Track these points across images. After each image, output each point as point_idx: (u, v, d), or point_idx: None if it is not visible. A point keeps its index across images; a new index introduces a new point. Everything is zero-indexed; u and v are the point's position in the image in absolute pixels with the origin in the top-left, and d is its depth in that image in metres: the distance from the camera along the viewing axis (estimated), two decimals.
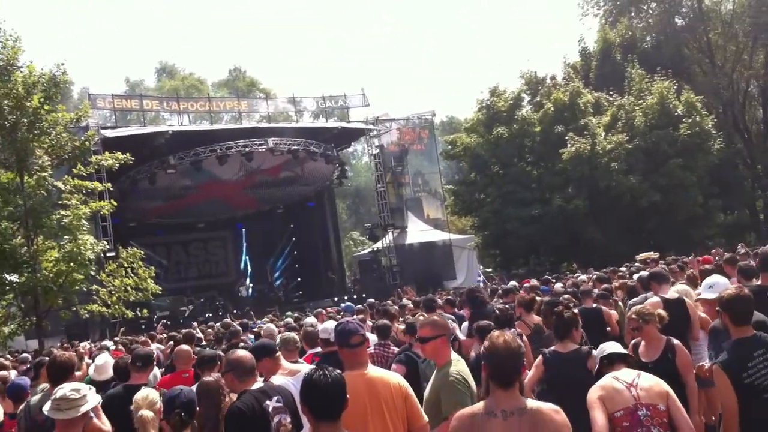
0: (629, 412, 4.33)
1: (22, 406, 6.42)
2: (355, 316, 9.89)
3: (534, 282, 13.66)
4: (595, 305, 9.10)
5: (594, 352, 5.62)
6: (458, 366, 4.83)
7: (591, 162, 31.84)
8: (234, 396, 4.87)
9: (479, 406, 3.62)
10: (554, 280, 14.86)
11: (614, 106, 34.63)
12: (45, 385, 6.50)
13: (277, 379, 5.39)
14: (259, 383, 4.90)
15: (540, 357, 6.02)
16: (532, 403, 3.56)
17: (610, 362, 4.84)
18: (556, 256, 34.84)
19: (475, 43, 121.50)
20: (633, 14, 44.72)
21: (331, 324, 6.74)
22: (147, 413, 4.68)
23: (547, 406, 3.53)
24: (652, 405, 4.34)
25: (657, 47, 40.74)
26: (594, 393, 4.47)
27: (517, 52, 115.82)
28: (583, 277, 14.99)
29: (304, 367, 6.29)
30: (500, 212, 33.94)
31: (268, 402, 4.67)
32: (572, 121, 33.97)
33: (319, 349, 7.59)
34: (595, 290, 9.86)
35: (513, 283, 15.22)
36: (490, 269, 38.38)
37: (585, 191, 32.16)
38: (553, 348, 6.02)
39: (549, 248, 34.58)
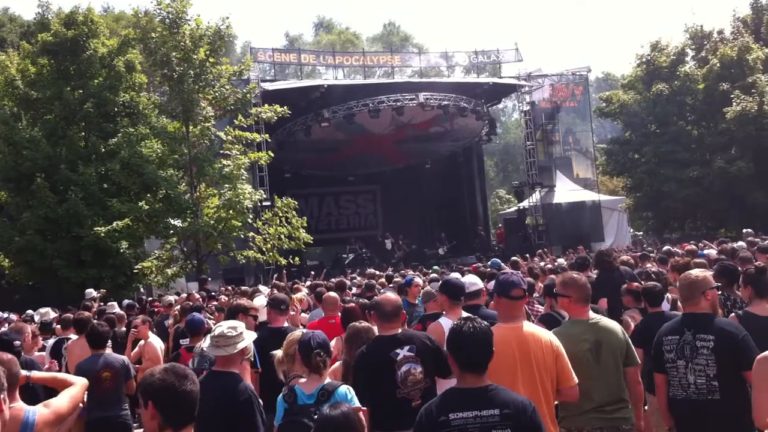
0: None
1: (200, 342, 6.98)
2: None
3: (692, 246, 13.18)
4: None
5: None
6: (564, 329, 4.94)
7: (757, 122, 29.81)
8: None
9: None
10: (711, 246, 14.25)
11: None
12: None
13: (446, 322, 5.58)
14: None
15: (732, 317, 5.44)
16: None
17: None
18: (714, 220, 33.11)
19: None
20: None
21: (475, 278, 6.82)
22: (277, 353, 5.02)
23: None
24: None
25: None
26: (763, 368, 3.75)
27: (680, 5, 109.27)
28: (742, 243, 14.23)
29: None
30: (656, 173, 32.52)
31: (398, 350, 4.77)
32: (739, 78, 31.82)
33: None
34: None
35: (667, 247, 14.68)
36: (641, 233, 37.03)
37: (750, 153, 30.24)
38: (747, 309, 5.34)
39: (707, 212, 32.85)
